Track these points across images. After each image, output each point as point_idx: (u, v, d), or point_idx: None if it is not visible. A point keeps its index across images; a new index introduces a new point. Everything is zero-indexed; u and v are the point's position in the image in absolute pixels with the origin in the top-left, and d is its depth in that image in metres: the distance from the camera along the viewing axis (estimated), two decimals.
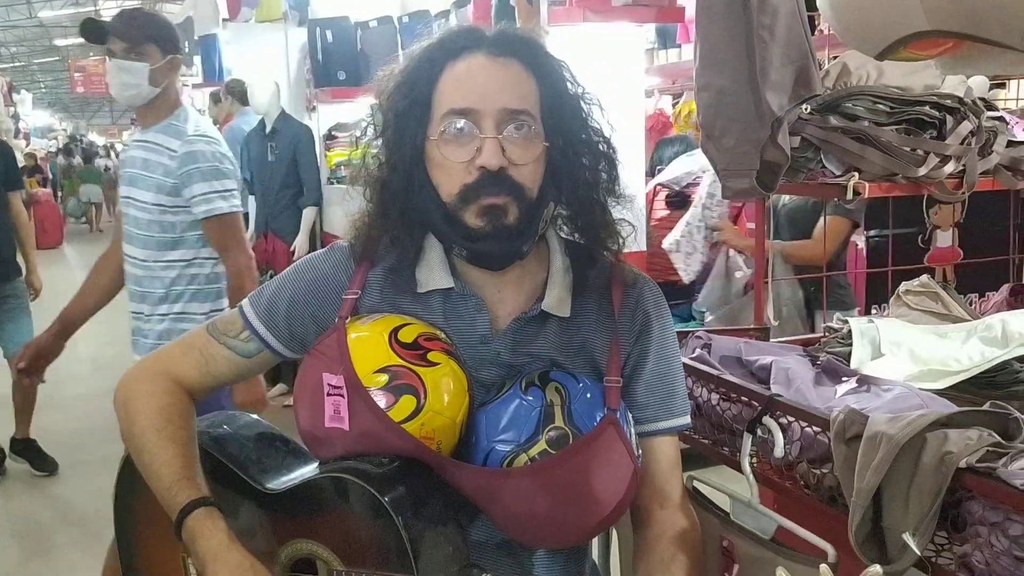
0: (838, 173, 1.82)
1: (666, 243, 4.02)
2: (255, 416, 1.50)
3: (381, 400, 1.21)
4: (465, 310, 1.33)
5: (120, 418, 1.40)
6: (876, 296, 4.31)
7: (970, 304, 4.68)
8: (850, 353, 1.84)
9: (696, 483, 1.56)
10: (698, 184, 4.29)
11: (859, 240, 4.59)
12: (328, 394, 1.23)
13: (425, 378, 1.23)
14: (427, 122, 1.28)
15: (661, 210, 4.34)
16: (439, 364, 1.25)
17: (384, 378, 1.22)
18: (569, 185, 1.32)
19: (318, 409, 1.25)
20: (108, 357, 7.11)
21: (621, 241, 1.37)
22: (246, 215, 5.84)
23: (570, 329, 1.34)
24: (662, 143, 4.70)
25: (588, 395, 1.25)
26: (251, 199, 5.77)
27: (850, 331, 1.89)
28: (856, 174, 1.77)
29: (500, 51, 1.28)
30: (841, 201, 1.79)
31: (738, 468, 1.53)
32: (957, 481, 1.15)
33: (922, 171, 1.75)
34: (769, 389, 1.72)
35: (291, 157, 5.51)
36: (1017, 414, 1.25)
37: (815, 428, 1.40)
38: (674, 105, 6.97)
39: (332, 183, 5.89)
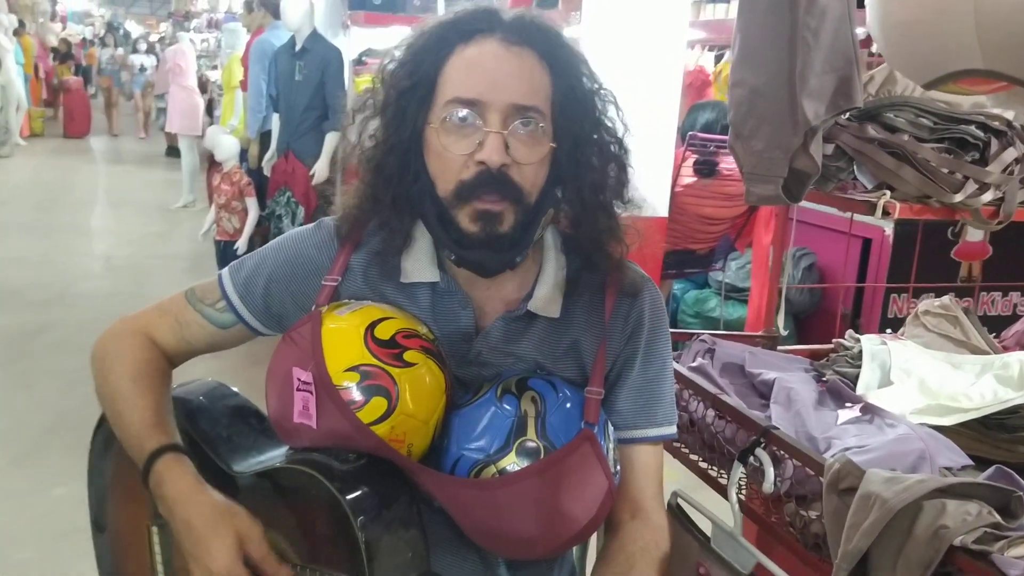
0: (870, 187, 1.73)
1: None
2: (233, 389, 1.45)
3: (351, 400, 1.16)
4: (449, 305, 1.27)
5: (95, 372, 1.36)
6: (898, 280, 4.24)
7: (991, 304, 4.62)
8: (858, 375, 1.77)
9: (680, 501, 1.51)
10: (728, 151, 4.16)
11: (886, 226, 4.49)
12: (298, 389, 1.18)
13: (399, 379, 1.17)
14: (429, 106, 1.20)
15: (688, 177, 4.21)
16: (416, 364, 1.19)
17: (356, 377, 1.16)
18: (573, 187, 1.24)
19: (287, 401, 1.20)
20: (123, 257, 7.14)
21: (624, 248, 1.29)
22: (268, 133, 5.78)
23: (559, 330, 1.28)
24: (695, 108, 4.54)
25: (567, 406, 1.20)
26: (275, 117, 5.66)
27: (860, 351, 1.82)
28: (888, 192, 1.68)
29: (515, 38, 1.19)
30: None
31: (724, 493, 1.47)
32: (949, 557, 1.09)
33: (958, 197, 1.65)
34: (767, 407, 1.66)
35: (319, 79, 5.38)
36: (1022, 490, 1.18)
37: (809, 470, 1.34)
38: (716, 61, 6.78)
39: None
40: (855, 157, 1.73)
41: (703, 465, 1.61)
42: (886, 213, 1.66)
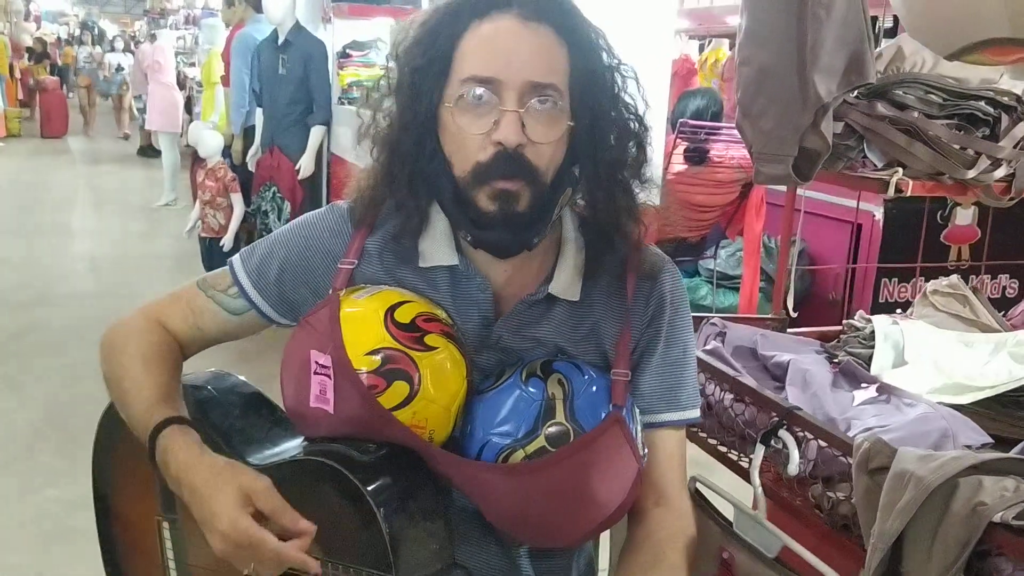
0: (880, 165, 1.71)
1: None
2: (242, 378, 1.42)
3: (372, 385, 1.13)
4: (468, 290, 1.24)
5: (103, 358, 1.32)
6: (888, 267, 4.24)
7: (981, 287, 4.63)
8: (871, 356, 1.75)
9: (699, 485, 1.48)
10: (718, 138, 4.16)
11: (876, 212, 4.48)
12: (315, 372, 1.15)
13: (420, 363, 1.14)
14: (444, 84, 1.17)
15: (679, 164, 4.21)
16: (436, 348, 1.16)
17: (376, 361, 1.13)
18: (591, 165, 1.21)
19: (303, 386, 1.16)
20: (106, 257, 7.06)
21: (642, 228, 1.26)
22: (252, 128, 5.72)
23: (579, 314, 1.25)
24: (685, 95, 4.54)
25: (593, 388, 1.17)
26: (258, 111, 5.60)
27: (872, 332, 1.80)
28: (900, 169, 1.66)
29: (532, 14, 1.15)
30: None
31: (744, 475, 1.45)
32: (987, 534, 1.07)
33: (971, 173, 1.64)
34: (784, 389, 1.64)
35: (302, 72, 5.31)
36: None
37: (835, 451, 1.32)
38: (700, 50, 6.80)
39: (343, 103, 5.70)
40: (865, 135, 1.71)
41: (722, 449, 1.59)
42: (899, 191, 1.64)
